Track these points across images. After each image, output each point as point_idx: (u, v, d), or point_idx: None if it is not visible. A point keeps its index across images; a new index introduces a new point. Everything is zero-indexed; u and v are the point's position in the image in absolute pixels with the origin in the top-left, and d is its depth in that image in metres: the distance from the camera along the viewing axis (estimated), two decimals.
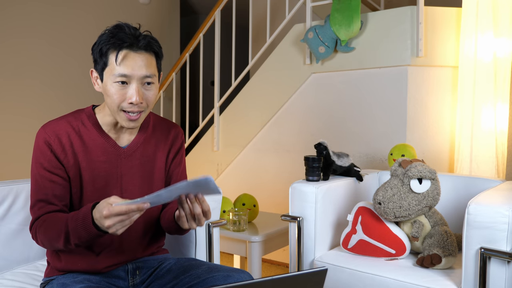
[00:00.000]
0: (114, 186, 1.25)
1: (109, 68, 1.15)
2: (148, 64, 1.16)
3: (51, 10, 3.67)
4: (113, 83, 1.15)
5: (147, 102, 1.19)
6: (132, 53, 1.14)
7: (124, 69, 1.13)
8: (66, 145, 1.20)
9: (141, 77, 1.15)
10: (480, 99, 2.29)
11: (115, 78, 1.14)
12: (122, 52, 1.13)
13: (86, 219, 1.05)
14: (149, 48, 1.17)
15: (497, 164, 2.29)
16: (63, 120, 1.24)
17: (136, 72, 1.14)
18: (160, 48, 1.21)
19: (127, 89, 1.15)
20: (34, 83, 3.59)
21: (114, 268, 1.27)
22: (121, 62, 1.13)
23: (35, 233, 1.19)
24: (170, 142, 1.36)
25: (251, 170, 3.17)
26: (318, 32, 2.58)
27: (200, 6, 5.60)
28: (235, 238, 2.15)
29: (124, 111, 1.17)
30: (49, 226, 1.15)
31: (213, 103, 3.38)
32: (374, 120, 2.60)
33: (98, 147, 1.24)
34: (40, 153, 1.20)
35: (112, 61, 1.14)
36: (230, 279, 1.16)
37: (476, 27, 2.29)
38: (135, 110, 1.16)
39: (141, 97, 1.16)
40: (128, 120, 1.18)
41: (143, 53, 1.16)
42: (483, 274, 1.39)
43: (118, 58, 1.13)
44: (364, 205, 1.80)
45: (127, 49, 1.14)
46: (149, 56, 1.17)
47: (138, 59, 1.15)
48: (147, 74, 1.16)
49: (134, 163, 1.28)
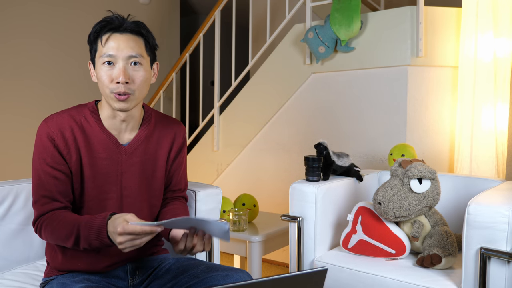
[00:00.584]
0: (114, 184, 1.25)
1: (98, 52, 1.19)
2: (134, 45, 1.19)
3: (51, 11, 3.67)
4: (101, 66, 1.18)
5: (134, 84, 1.19)
6: (117, 34, 1.18)
7: (109, 49, 1.17)
8: (69, 139, 1.20)
9: (126, 56, 1.17)
10: (480, 99, 2.29)
11: (102, 60, 1.17)
12: (106, 34, 1.17)
13: (100, 230, 1.08)
14: (135, 31, 1.20)
15: (497, 164, 2.29)
16: (66, 114, 1.23)
17: (120, 52, 1.17)
18: (148, 32, 1.23)
19: (113, 70, 1.17)
20: (34, 83, 3.59)
21: (114, 268, 1.27)
22: (106, 43, 1.17)
23: (40, 229, 1.19)
24: (171, 141, 1.35)
25: (251, 170, 3.17)
26: (318, 32, 2.58)
27: (200, 6, 5.60)
28: (235, 238, 2.15)
29: (114, 93, 1.17)
30: (58, 226, 1.15)
31: (213, 103, 3.38)
32: (374, 120, 2.59)
33: (100, 143, 1.23)
34: (43, 148, 1.18)
35: (99, 44, 1.18)
36: (229, 279, 1.16)
37: (476, 27, 2.29)
38: (121, 90, 1.17)
39: (127, 77, 1.16)
40: (117, 100, 1.18)
41: (128, 35, 1.19)
42: (483, 274, 1.39)
43: (102, 39, 1.17)
44: (364, 205, 1.80)
45: (112, 31, 1.18)
46: (135, 37, 1.20)
47: (122, 39, 1.18)
48: (132, 54, 1.18)
49: (135, 161, 1.27)
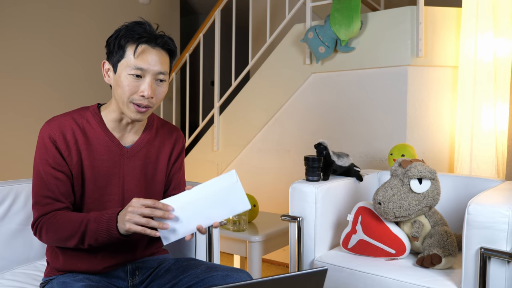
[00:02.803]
0: (115, 186, 1.25)
1: (126, 60, 1.17)
2: (163, 61, 1.20)
3: (52, 12, 3.67)
4: (127, 75, 1.17)
5: (156, 99, 1.20)
6: (150, 48, 1.18)
7: (141, 62, 1.16)
8: (70, 142, 1.20)
9: (155, 72, 1.18)
10: (480, 99, 2.29)
11: (130, 70, 1.16)
12: (141, 46, 1.17)
13: (110, 222, 1.10)
14: (166, 46, 1.21)
15: (497, 164, 2.29)
16: (68, 116, 1.23)
17: (151, 67, 1.17)
18: (175, 48, 1.25)
19: (140, 82, 1.17)
20: (36, 83, 3.59)
21: (114, 269, 1.27)
22: (139, 55, 1.16)
23: (41, 229, 1.18)
24: (172, 146, 1.37)
25: (251, 170, 3.17)
26: (318, 32, 2.58)
27: (200, 6, 5.60)
28: (235, 238, 2.15)
29: (134, 103, 1.18)
30: (62, 225, 1.15)
31: (213, 103, 3.38)
32: (374, 120, 2.59)
33: (102, 146, 1.24)
34: (45, 150, 1.19)
35: (129, 53, 1.17)
36: (229, 279, 1.16)
37: (476, 27, 2.29)
38: (144, 103, 1.18)
39: (153, 92, 1.18)
40: (137, 112, 1.19)
41: (159, 50, 1.19)
42: (483, 274, 1.39)
43: (136, 51, 1.16)
44: (364, 205, 1.80)
45: (146, 44, 1.17)
46: (165, 54, 1.21)
47: (155, 55, 1.18)
48: (161, 70, 1.19)
49: (136, 163, 1.28)
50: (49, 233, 1.17)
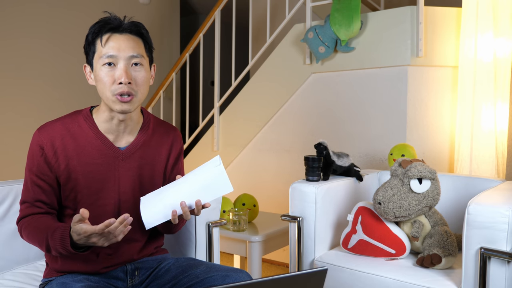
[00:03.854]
0: (111, 189, 1.25)
1: (97, 53, 1.18)
2: (134, 46, 1.18)
3: (52, 11, 3.67)
4: (101, 67, 1.17)
5: (136, 85, 1.18)
6: (116, 35, 1.17)
7: (110, 49, 1.16)
8: (58, 148, 1.20)
9: (127, 57, 1.17)
10: (480, 99, 2.29)
11: (102, 61, 1.16)
12: (106, 34, 1.17)
13: (64, 240, 1.08)
14: (134, 31, 1.20)
15: (497, 164, 2.29)
16: (59, 122, 1.24)
17: (121, 53, 1.16)
18: (146, 31, 1.23)
19: (115, 71, 1.16)
20: (36, 83, 3.59)
21: (113, 269, 1.27)
22: (106, 43, 1.16)
23: (21, 231, 1.22)
24: (169, 146, 1.35)
25: (251, 170, 3.17)
26: (318, 32, 2.58)
27: (200, 6, 5.60)
28: (235, 238, 2.15)
29: (116, 95, 1.16)
30: (32, 231, 1.17)
31: (213, 103, 3.38)
32: (374, 120, 2.59)
33: (94, 149, 1.23)
34: (32, 157, 1.22)
35: (98, 46, 1.17)
36: (229, 279, 1.16)
37: (476, 27, 2.29)
38: (125, 91, 1.16)
39: (129, 77, 1.16)
40: (121, 102, 1.17)
41: (128, 35, 1.19)
42: (483, 274, 1.39)
43: (102, 39, 1.16)
44: (364, 205, 1.80)
45: (111, 31, 1.17)
46: (135, 38, 1.20)
47: (122, 39, 1.17)
48: (133, 54, 1.17)
49: (132, 165, 1.27)
50: (25, 237, 1.21)
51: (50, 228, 1.13)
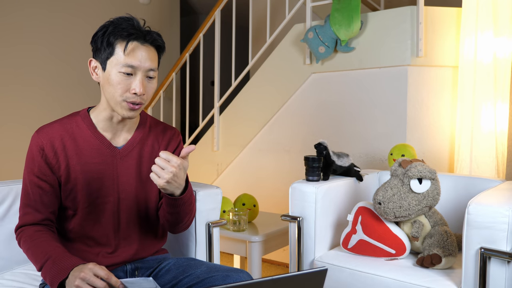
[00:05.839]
0: (110, 188, 1.25)
1: (115, 57, 1.16)
2: (153, 58, 1.20)
3: (51, 16, 3.67)
4: (118, 73, 1.16)
5: (147, 95, 1.20)
6: (139, 45, 1.17)
7: (132, 60, 1.15)
8: (58, 149, 1.21)
9: (146, 69, 1.18)
10: (480, 99, 2.29)
11: (121, 68, 1.16)
12: (131, 44, 1.16)
13: (57, 277, 1.05)
14: (155, 43, 1.21)
15: (497, 164, 2.29)
16: (57, 124, 1.24)
17: (142, 64, 1.17)
18: (163, 43, 1.24)
19: (131, 80, 1.17)
20: (36, 85, 3.59)
21: (113, 269, 1.27)
22: (129, 53, 1.16)
23: (19, 240, 1.21)
24: (166, 142, 1.35)
25: (251, 170, 3.17)
26: (318, 32, 2.58)
27: (200, 6, 5.60)
28: (235, 238, 2.15)
29: (127, 102, 1.17)
30: (32, 247, 1.15)
31: (213, 103, 3.38)
32: (374, 120, 2.59)
33: (92, 149, 1.23)
34: (32, 159, 1.21)
35: (119, 51, 1.16)
36: (229, 279, 1.16)
37: (476, 27, 2.29)
38: (137, 101, 1.18)
39: (145, 89, 1.18)
40: (129, 109, 1.18)
41: (149, 46, 1.19)
42: (483, 274, 1.39)
43: (127, 48, 1.15)
44: (364, 205, 1.80)
45: (136, 41, 1.17)
46: (154, 50, 1.21)
47: (144, 51, 1.17)
48: (151, 67, 1.19)
49: (130, 163, 1.28)
50: (24, 250, 1.19)
51: (52, 256, 1.10)
